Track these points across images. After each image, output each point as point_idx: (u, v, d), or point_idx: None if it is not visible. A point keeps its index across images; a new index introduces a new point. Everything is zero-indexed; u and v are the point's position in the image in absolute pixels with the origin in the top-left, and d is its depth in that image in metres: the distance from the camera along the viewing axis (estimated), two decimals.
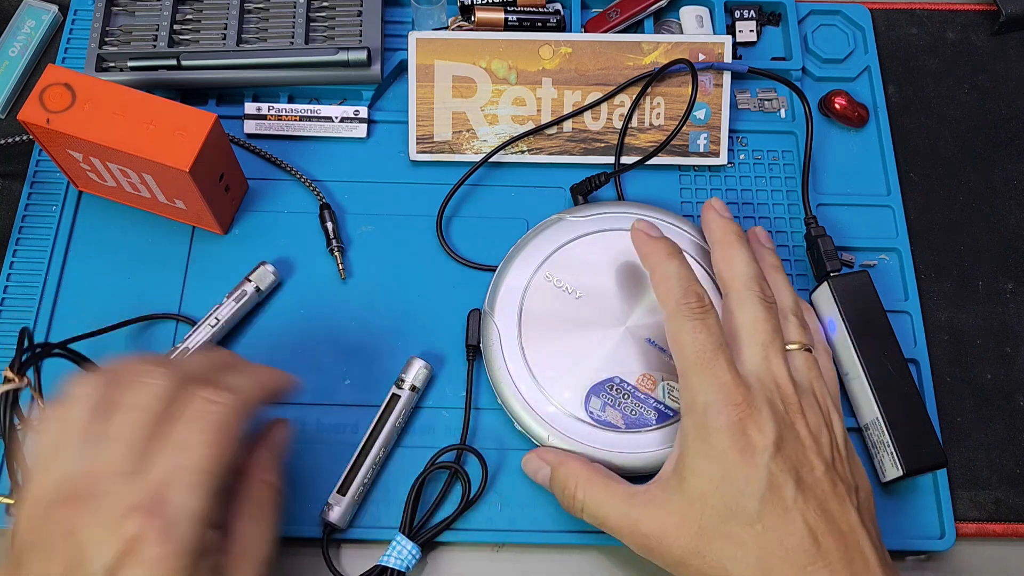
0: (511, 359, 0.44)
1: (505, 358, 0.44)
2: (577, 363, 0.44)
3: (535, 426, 0.43)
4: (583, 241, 0.47)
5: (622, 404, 0.43)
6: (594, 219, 0.47)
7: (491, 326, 0.45)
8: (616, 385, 0.44)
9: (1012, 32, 0.58)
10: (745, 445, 0.37)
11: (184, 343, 0.46)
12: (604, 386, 0.44)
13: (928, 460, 0.43)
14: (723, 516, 0.37)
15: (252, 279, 0.47)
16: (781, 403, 0.39)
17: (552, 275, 0.46)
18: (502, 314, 0.45)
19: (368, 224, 0.51)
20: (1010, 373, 0.49)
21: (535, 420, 0.43)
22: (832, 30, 0.57)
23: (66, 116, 0.44)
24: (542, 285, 0.46)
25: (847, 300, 0.46)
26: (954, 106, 0.56)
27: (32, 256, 0.49)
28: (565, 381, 0.44)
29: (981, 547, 0.46)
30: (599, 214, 0.47)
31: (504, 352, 0.44)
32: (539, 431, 0.43)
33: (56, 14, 0.56)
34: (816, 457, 0.38)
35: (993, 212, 0.53)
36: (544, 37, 0.52)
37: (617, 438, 0.43)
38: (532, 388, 0.44)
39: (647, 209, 0.48)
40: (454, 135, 0.52)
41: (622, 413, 0.43)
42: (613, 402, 0.43)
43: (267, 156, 0.52)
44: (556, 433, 0.43)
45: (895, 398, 0.44)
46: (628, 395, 0.44)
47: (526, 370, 0.44)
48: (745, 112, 0.55)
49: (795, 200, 0.52)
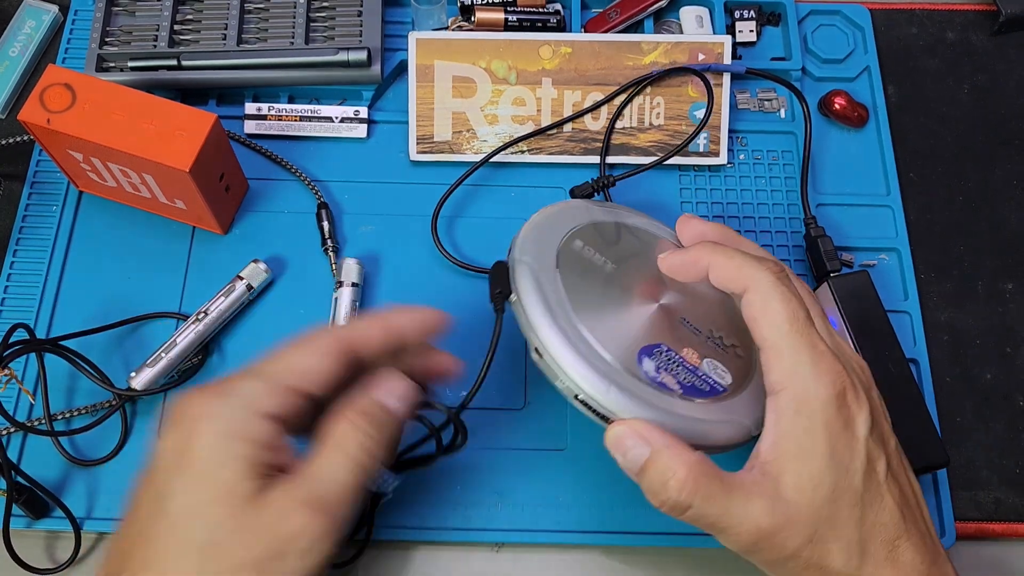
0: (557, 308, 0.38)
1: (551, 306, 0.38)
2: (623, 322, 0.39)
3: (591, 377, 0.36)
4: (616, 225, 0.44)
5: (675, 371, 0.38)
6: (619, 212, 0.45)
7: (526, 273, 0.39)
8: (664, 352, 0.39)
9: (1012, 32, 0.58)
10: (848, 418, 0.35)
11: (172, 338, 0.46)
12: (654, 351, 0.39)
13: (930, 459, 0.43)
14: (832, 498, 0.34)
15: (244, 276, 0.47)
16: (862, 373, 0.38)
17: (584, 242, 0.41)
18: (539, 263, 0.39)
19: (368, 224, 0.51)
20: (1010, 373, 0.49)
21: (590, 370, 0.36)
22: (832, 30, 0.57)
23: (66, 116, 0.44)
24: (576, 246, 0.41)
25: (847, 300, 0.46)
26: (954, 106, 0.56)
27: (32, 256, 0.50)
28: (615, 338, 0.38)
29: (981, 547, 0.46)
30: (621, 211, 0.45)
31: (548, 300, 0.38)
32: (596, 385, 0.36)
33: (56, 14, 0.56)
34: (890, 431, 0.37)
35: (993, 212, 0.53)
36: (544, 37, 0.52)
37: (676, 403, 0.37)
38: (580, 341, 0.37)
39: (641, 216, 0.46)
40: (454, 135, 0.52)
41: (677, 380, 0.38)
42: (667, 367, 0.38)
43: (266, 153, 0.52)
44: (615, 390, 0.36)
45: (896, 398, 0.44)
46: (677, 364, 0.39)
47: (572, 321, 0.38)
48: (745, 112, 0.55)
49: (795, 200, 0.52)
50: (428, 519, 0.44)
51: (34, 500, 0.43)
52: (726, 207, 0.52)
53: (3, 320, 0.48)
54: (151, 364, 0.45)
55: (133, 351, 0.47)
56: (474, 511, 0.44)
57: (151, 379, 0.45)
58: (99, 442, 0.45)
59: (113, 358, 0.47)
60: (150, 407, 0.46)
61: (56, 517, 0.44)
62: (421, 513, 0.44)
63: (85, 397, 0.46)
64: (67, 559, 0.43)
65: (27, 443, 0.45)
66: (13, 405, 0.46)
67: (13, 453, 0.45)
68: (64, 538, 0.44)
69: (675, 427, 0.36)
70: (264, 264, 0.48)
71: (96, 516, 0.44)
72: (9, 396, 0.46)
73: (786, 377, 0.35)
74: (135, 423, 0.46)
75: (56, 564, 0.44)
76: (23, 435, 0.46)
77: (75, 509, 0.44)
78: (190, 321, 0.46)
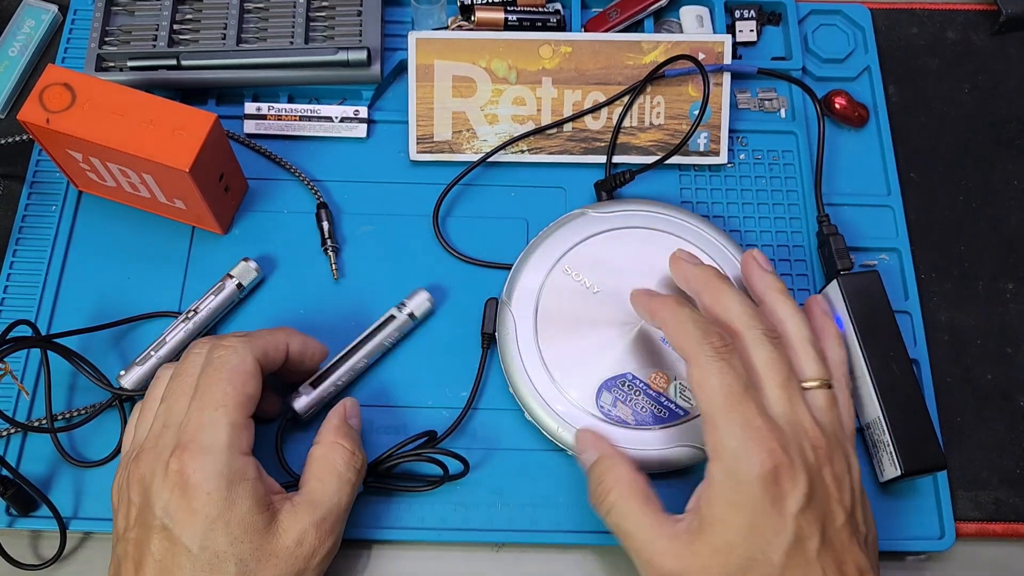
0: (525, 350, 0.45)
1: (520, 349, 0.45)
2: (591, 358, 0.44)
3: (545, 417, 0.44)
4: (604, 237, 0.47)
5: (633, 401, 0.44)
6: (616, 216, 0.47)
7: (508, 316, 0.45)
8: (628, 382, 0.44)
9: (1012, 32, 0.58)
10: (777, 495, 0.35)
11: (162, 336, 0.46)
12: (616, 382, 0.44)
13: (927, 462, 0.43)
14: (745, 567, 0.36)
15: (234, 275, 0.47)
16: (811, 450, 0.37)
17: (571, 269, 0.46)
18: (519, 305, 0.45)
19: (368, 224, 0.51)
20: (1010, 373, 0.49)
21: (545, 411, 0.44)
22: (832, 30, 0.57)
23: (66, 116, 0.44)
24: (560, 279, 0.46)
25: (856, 299, 0.46)
26: (954, 106, 0.56)
27: (32, 256, 0.49)
28: (578, 375, 0.44)
29: (981, 547, 0.46)
30: (621, 211, 0.48)
31: (519, 343, 0.45)
32: (549, 422, 0.44)
33: (56, 14, 0.56)
34: (838, 507, 0.37)
35: (993, 212, 0.53)
36: (544, 37, 0.52)
37: (625, 434, 0.43)
38: (545, 380, 0.44)
39: (669, 208, 0.48)
40: (454, 135, 0.52)
41: (632, 409, 0.43)
42: (624, 398, 0.44)
43: (266, 153, 0.52)
44: (565, 425, 0.43)
45: (898, 398, 0.44)
46: (640, 392, 0.44)
47: (540, 362, 0.44)
48: (745, 112, 0.54)
49: (795, 200, 0.52)
50: (428, 519, 0.44)
51: (21, 496, 0.43)
52: (726, 207, 0.52)
53: (3, 320, 0.48)
54: (140, 363, 0.45)
55: (132, 350, 0.47)
56: (474, 511, 0.44)
57: (140, 377, 0.45)
58: (96, 442, 0.45)
59: (111, 357, 0.47)
60: None
61: (42, 516, 0.44)
62: (421, 513, 0.44)
63: (83, 398, 0.46)
64: (52, 556, 0.43)
65: (16, 440, 0.45)
66: (12, 405, 0.46)
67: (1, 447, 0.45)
68: (50, 537, 0.44)
69: None
70: (254, 263, 0.48)
71: (83, 516, 0.44)
72: (9, 396, 0.46)
73: (718, 450, 0.37)
74: None
75: (42, 560, 0.43)
76: (15, 431, 0.45)
77: (63, 507, 0.44)
78: (180, 319, 0.46)
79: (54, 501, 0.43)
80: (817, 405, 0.39)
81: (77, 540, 0.45)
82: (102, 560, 0.44)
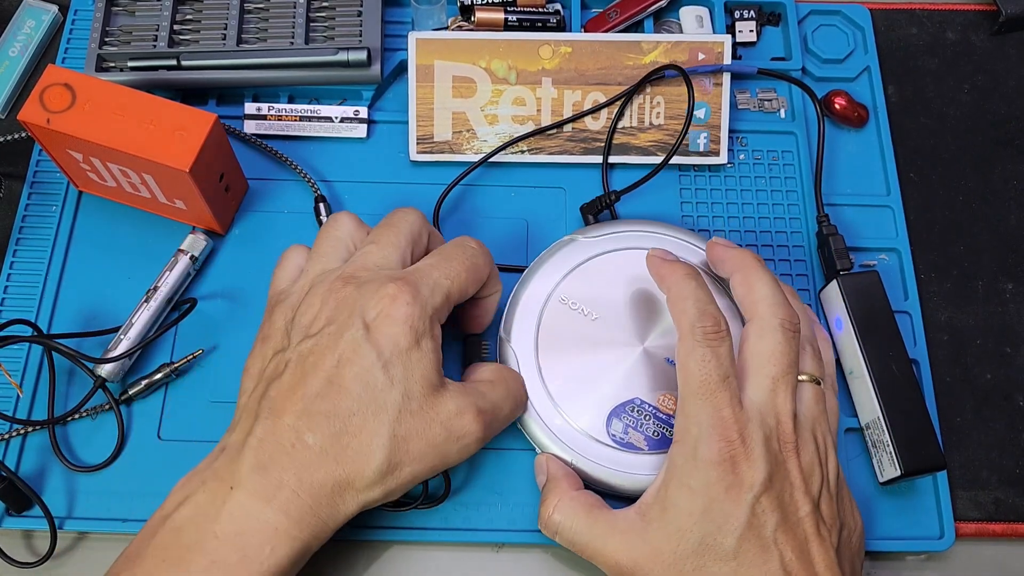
0: (531, 386, 0.44)
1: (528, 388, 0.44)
2: (597, 386, 0.44)
3: (559, 452, 0.43)
4: (596, 262, 0.46)
5: (644, 425, 0.43)
6: (606, 239, 0.46)
7: (508, 351, 0.44)
8: (637, 406, 0.43)
9: (1012, 32, 0.58)
10: (732, 482, 0.36)
11: (128, 320, 0.46)
12: (625, 408, 0.43)
13: (927, 462, 0.43)
14: (698, 551, 0.36)
15: (184, 249, 0.48)
16: (777, 441, 0.38)
17: (567, 298, 0.45)
18: (519, 339, 0.45)
19: (368, 224, 0.51)
20: (1010, 373, 0.49)
21: (559, 446, 0.43)
22: (832, 30, 0.57)
23: (66, 116, 0.44)
24: (557, 308, 0.45)
25: (855, 299, 0.46)
26: (954, 106, 0.56)
27: (32, 256, 0.50)
28: (586, 404, 0.43)
29: (981, 547, 0.46)
30: (611, 233, 0.47)
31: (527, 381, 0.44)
32: (564, 456, 0.43)
33: (56, 14, 0.56)
34: (803, 496, 0.37)
35: (993, 212, 0.53)
36: (544, 37, 0.52)
37: (641, 460, 0.42)
38: (553, 414, 0.43)
39: (659, 226, 0.47)
40: (454, 135, 0.52)
41: (645, 435, 0.43)
42: (635, 424, 0.43)
43: (266, 148, 0.52)
44: (580, 457, 0.43)
45: (897, 399, 0.44)
46: (649, 416, 0.43)
47: (546, 396, 0.44)
48: (745, 112, 0.55)
49: (795, 200, 0.52)
50: (428, 519, 0.44)
51: (13, 493, 0.43)
52: (726, 207, 0.52)
53: (3, 320, 0.48)
54: (112, 348, 0.45)
55: None
56: (474, 511, 0.44)
57: (116, 365, 0.45)
58: (93, 444, 0.45)
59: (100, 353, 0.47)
60: (148, 407, 0.46)
61: (36, 516, 0.44)
62: (421, 513, 0.44)
63: (75, 402, 0.46)
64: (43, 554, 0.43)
65: (14, 439, 0.45)
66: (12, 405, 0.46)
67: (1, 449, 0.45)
68: (45, 536, 0.44)
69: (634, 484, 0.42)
70: (202, 233, 0.49)
71: (76, 516, 0.44)
72: (9, 397, 0.46)
73: (682, 434, 0.38)
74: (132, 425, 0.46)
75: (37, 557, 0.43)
76: (14, 435, 0.45)
77: (57, 508, 0.44)
78: (141, 301, 0.47)
79: (48, 502, 0.43)
80: (803, 397, 0.40)
81: (71, 540, 0.45)
82: (98, 560, 0.44)
